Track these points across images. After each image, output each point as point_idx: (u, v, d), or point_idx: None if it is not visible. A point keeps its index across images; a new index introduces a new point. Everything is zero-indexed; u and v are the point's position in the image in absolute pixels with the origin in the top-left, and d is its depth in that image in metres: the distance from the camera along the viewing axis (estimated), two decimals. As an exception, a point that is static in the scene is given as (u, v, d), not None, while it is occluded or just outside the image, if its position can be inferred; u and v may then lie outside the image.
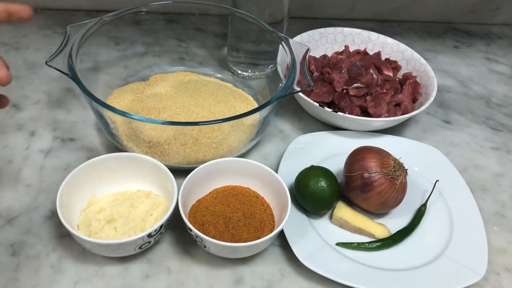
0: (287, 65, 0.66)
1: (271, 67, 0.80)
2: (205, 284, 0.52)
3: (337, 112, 0.67)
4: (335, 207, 0.58)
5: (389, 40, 0.84)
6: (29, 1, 0.46)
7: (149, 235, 0.50)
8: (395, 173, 0.56)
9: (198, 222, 0.54)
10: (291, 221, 0.56)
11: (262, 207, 0.57)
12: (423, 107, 0.69)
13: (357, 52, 0.81)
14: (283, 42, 0.67)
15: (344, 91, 0.72)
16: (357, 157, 0.58)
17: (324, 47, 0.84)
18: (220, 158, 0.58)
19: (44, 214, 0.57)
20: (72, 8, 0.92)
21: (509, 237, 0.61)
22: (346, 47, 0.82)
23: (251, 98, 0.74)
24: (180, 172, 0.59)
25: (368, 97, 0.71)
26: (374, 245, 0.56)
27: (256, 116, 0.60)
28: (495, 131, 0.79)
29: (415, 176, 0.65)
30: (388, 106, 0.71)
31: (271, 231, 0.54)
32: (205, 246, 0.51)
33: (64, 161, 0.63)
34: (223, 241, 0.50)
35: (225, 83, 0.77)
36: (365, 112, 0.71)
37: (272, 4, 0.73)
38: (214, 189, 0.59)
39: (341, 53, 0.82)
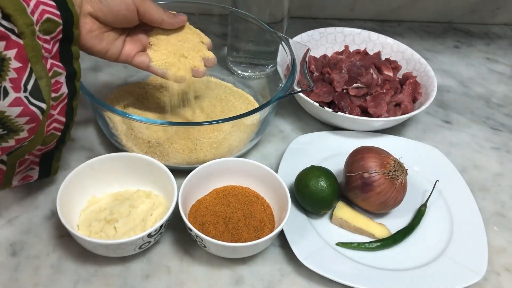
0: (287, 65, 0.66)
1: (271, 67, 0.80)
2: (205, 284, 0.52)
3: (337, 112, 0.67)
4: (335, 207, 0.58)
5: (389, 40, 0.84)
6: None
7: (149, 235, 0.50)
8: (395, 173, 0.56)
9: (198, 222, 0.54)
10: (291, 221, 0.56)
11: (262, 207, 0.57)
12: (423, 107, 0.69)
13: (357, 52, 0.81)
14: (283, 42, 0.67)
15: (344, 91, 0.72)
16: (357, 157, 0.58)
17: (324, 47, 0.84)
18: (220, 158, 0.58)
19: (44, 214, 0.57)
20: (72, 8, 0.92)
21: (509, 237, 0.61)
22: (346, 47, 0.82)
23: (251, 98, 0.74)
24: (180, 172, 0.59)
25: (368, 97, 0.71)
26: (374, 245, 0.56)
27: (256, 116, 0.60)
28: (495, 131, 0.79)
29: (415, 176, 0.65)
30: (388, 106, 0.71)
31: (271, 231, 0.54)
32: (205, 246, 0.51)
33: (64, 161, 0.63)
34: (223, 241, 0.50)
35: (225, 83, 0.77)
36: (365, 112, 0.71)
37: (272, 4, 0.73)
38: (214, 189, 0.59)
39: (341, 53, 0.82)
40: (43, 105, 0.45)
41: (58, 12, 0.45)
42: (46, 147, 0.51)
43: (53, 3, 0.45)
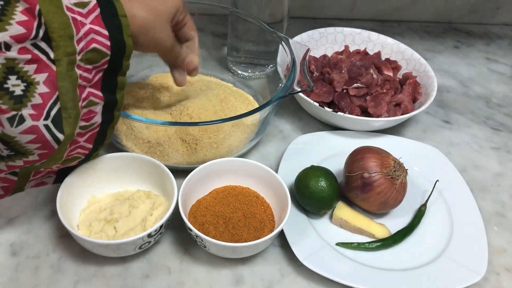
0: (287, 65, 0.66)
1: (271, 67, 0.80)
2: (205, 284, 0.52)
3: (337, 112, 0.67)
4: (335, 207, 0.58)
5: (389, 40, 0.84)
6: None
7: (149, 235, 0.50)
8: (395, 173, 0.56)
9: (198, 222, 0.54)
10: (291, 221, 0.56)
11: (262, 207, 0.57)
12: (423, 107, 0.69)
13: (357, 52, 0.81)
14: (283, 42, 0.67)
15: (344, 91, 0.72)
16: (357, 157, 0.58)
17: (324, 47, 0.84)
18: (220, 158, 0.58)
19: (44, 214, 0.57)
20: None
21: (509, 237, 0.61)
22: (346, 47, 0.82)
23: (251, 98, 0.73)
24: (180, 172, 0.59)
25: (368, 97, 0.71)
26: (374, 245, 0.56)
27: (256, 116, 0.60)
28: (495, 131, 0.79)
29: (415, 176, 0.65)
30: (388, 106, 0.71)
31: (271, 231, 0.54)
32: (205, 246, 0.51)
33: (64, 161, 0.63)
34: (223, 241, 0.50)
35: (225, 83, 0.77)
36: (365, 112, 0.71)
37: (272, 4, 0.73)
38: (214, 189, 0.59)
39: (341, 53, 0.82)
40: (61, 136, 0.42)
41: (108, 43, 0.42)
42: (66, 166, 0.49)
43: (106, 32, 0.42)
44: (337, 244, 0.56)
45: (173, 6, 0.52)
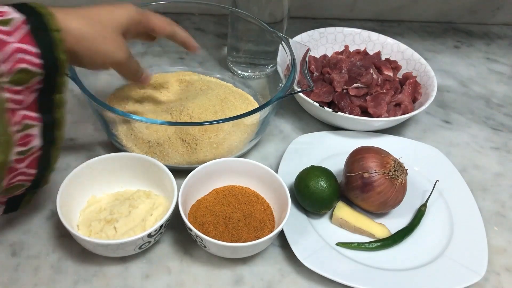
0: (287, 65, 0.66)
1: (271, 67, 0.80)
2: (205, 284, 0.52)
3: (337, 112, 0.67)
4: (335, 207, 0.58)
5: (389, 40, 0.84)
6: (29, 1, 0.46)
7: (149, 235, 0.50)
8: (395, 173, 0.56)
9: (198, 222, 0.54)
10: (291, 221, 0.56)
11: (262, 207, 0.57)
12: (423, 107, 0.69)
13: (357, 52, 0.81)
14: (283, 42, 0.67)
15: (344, 91, 0.72)
16: (357, 157, 0.58)
17: (324, 47, 0.84)
18: (220, 158, 0.58)
19: (44, 214, 0.57)
20: (72, 8, 0.92)
21: (509, 237, 0.61)
22: (346, 47, 0.82)
23: (251, 98, 0.74)
24: (180, 172, 0.59)
25: (368, 97, 0.71)
26: (374, 245, 0.56)
27: (256, 116, 0.60)
28: (495, 131, 0.79)
29: (415, 176, 0.65)
30: (388, 106, 0.71)
31: (271, 231, 0.54)
32: (205, 246, 0.51)
33: (64, 161, 0.63)
34: (223, 241, 0.50)
35: (225, 83, 0.77)
36: (365, 112, 0.71)
37: (272, 4, 0.73)
38: (214, 189, 0.59)
39: (341, 53, 0.82)
40: None
41: (38, 61, 0.39)
42: (11, 195, 0.46)
43: (36, 50, 0.39)
44: (337, 244, 0.56)
45: (122, 17, 0.49)
